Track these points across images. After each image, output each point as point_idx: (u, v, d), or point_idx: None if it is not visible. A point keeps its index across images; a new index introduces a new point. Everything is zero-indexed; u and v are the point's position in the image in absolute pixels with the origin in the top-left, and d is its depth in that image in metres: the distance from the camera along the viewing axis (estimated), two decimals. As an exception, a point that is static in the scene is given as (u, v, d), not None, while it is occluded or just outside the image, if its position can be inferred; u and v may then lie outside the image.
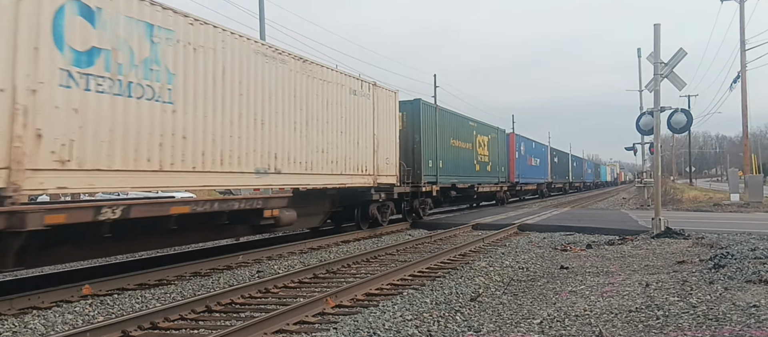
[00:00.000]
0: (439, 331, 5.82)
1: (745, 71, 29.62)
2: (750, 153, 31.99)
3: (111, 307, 7.49)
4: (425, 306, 6.91)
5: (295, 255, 12.20)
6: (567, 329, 5.70)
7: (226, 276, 9.66)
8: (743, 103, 29.82)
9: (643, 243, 12.43)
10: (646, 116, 15.44)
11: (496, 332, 5.73)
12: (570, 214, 22.85)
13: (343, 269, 10.32)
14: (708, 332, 5.39)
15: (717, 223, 16.49)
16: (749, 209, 23.37)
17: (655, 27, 13.97)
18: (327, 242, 13.99)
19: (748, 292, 6.89)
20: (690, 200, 31.76)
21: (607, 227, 15.76)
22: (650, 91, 14.63)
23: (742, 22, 30.07)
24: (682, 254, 10.60)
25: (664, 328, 5.60)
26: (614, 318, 6.02)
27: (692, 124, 15.70)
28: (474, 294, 7.44)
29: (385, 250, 12.47)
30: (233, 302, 7.57)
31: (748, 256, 9.23)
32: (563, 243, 13.16)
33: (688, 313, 6.07)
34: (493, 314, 6.44)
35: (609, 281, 8.09)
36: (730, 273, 8.01)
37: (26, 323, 6.68)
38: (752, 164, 31.62)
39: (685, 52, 13.95)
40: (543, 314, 6.29)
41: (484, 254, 11.72)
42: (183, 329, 6.44)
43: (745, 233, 12.85)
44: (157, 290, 8.54)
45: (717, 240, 11.97)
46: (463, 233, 16.54)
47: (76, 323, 6.75)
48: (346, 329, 5.91)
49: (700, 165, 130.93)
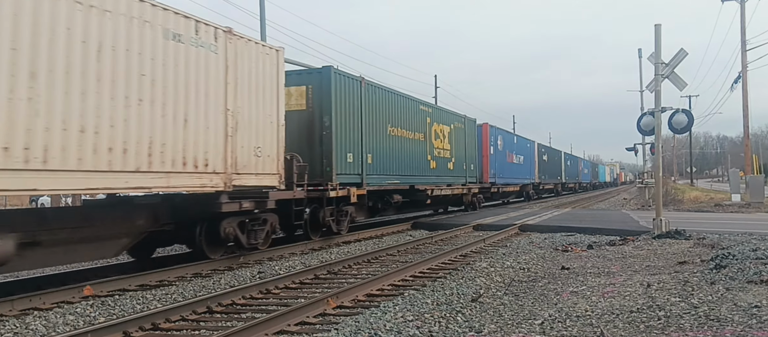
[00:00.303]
0: (441, 331, 5.82)
1: (745, 72, 29.63)
2: (751, 153, 32.00)
3: (112, 308, 7.49)
4: (426, 307, 6.91)
5: (296, 256, 12.20)
6: (568, 329, 5.69)
7: (227, 277, 9.66)
8: (744, 104, 29.82)
9: (645, 244, 12.42)
10: (646, 117, 15.43)
11: (498, 332, 5.72)
12: (571, 214, 22.85)
13: (344, 269, 10.32)
14: (709, 332, 5.39)
15: (718, 223, 16.47)
16: (750, 210, 23.35)
17: (655, 27, 13.97)
18: (328, 243, 13.99)
19: (749, 292, 6.88)
20: (691, 200, 31.76)
21: (608, 228, 15.75)
22: (651, 91, 14.63)
23: (743, 23, 30.09)
24: (684, 255, 10.59)
25: (666, 328, 5.59)
26: (616, 319, 6.01)
27: (693, 125, 15.69)
28: (475, 295, 7.44)
29: (386, 251, 12.48)
30: (234, 303, 7.57)
31: (750, 256, 9.22)
32: (564, 244, 13.16)
33: (690, 313, 6.07)
34: (494, 315, 6.44)
35: (610, 282, 8.08)
36: (732, 274, 8.00)
37: (27, 324, 6.68)
38: (753, 165, 31.62)
39: (686, 53, 13.94)
40: (544, 315, 6.28)
41: (485, 255, 11.72)
42: (184, 329, 6.44)
43: (747, 234, 12.84)
44: (158, 291, 8.54)
45: (718, 241, 11.95)
46: (464, 234, 16.54)
47: (78, 324, 6.75)
48: (348, 330, 5.90)
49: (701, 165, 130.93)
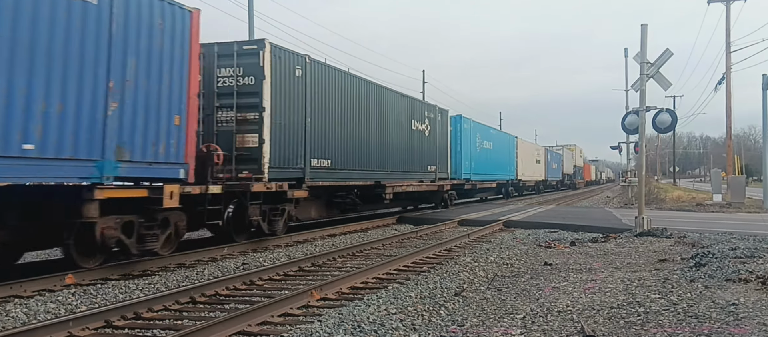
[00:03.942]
0: (423, 325, 5.86)
1: (729, 73, 29.96)
2: (733, 154, 32.43)
3: (94, 297, 7.44)
4: (410, 300, 6.95)
5: (280, 248, 12.18)
6: (549, 324, 5.76)
7: (211, 268, 9.63)
8: (727, 105, 30.17)
9: (626, 241, 12.56)
10: (631, 115, 15.59)
11: (480, 326, 5.78)
12: (555, 211, 23.03)
13: (329, 262, 10.33)
14: (687, 329, 5.48)
15: (699, 222, 16.68)
16: (731, 209, 23.66)
17: (641, 27, 14.10)
18: (313, 236, 13.98)
19: (727, 290, 7.01)
20: (673, 199, 32.09)
21: (591, 225, 15.88)
22: (636, 90, 14.78)
23: (728, 24, 30.41)
24: (664, 253, 10.73)
25: (645, 324, 5.68)
26: (596, 314, 6.09)
27: (677, 125, 15.88)
28: (458, 289, 7.49)
29: (371, 244, 12.49)
30: (218, 294, 7.55)
31: (729, 255, 9.37)
32: (547, 240, 13.26)
33: (669, 310, 6.16)
34: (476, 309, 6.49)
35: (592, 278, 8.18)
36: (711, 272, 8.13)
37: (8, 311, 6.62)
38: (735, 165, 32.04)
39: (671, 53, 14.09)
40: (526, 310, 6.35)
41: (469, 250, 11.78)
42: (167, 319, 6.42)
43: (727, 233, 13.02)
44: (141, 280, 8.49)
45: (699, 239, 12.12)
46: (448, 229, 16.61)
47: (59, 312, 6.70)
48: (331, 322, 5.92)
49: (684, 165, 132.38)
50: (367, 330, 5.64)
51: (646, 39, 14.03)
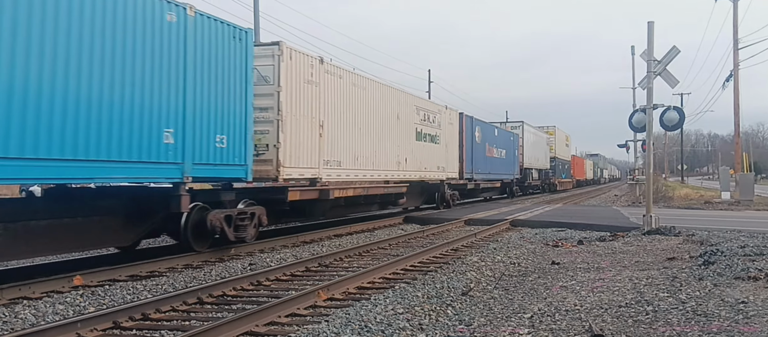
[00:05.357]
0: (431, 324, 5.85)
1: (737, 70, 29.79)
2: (742, 152, 32.21)
3: (102, 298, 7.48)
4: (417, 300, 6.94)
5: (287, 248, 12.20)
6: (557, 323, 5.73)
7: (218, 268, 9.66)
8: (736, 102, 30.00)
9: (634, 240, 12.50)
10: (638, 113, 15.52)
11: (487, 326, 5.76)
12: (562, 210, 22.96)
13: (336, 262, 10.33)
14: (696, 327, 5.44)
15: (707, 220, 16.59)
16: (740, 207, 23.53)
17: (648, 25, 14.03)
18: (319, 236, 13.99)
19: (736, 288, 6.96)
20: (681, 197, 31.95)
21: (598, 224, 15.82)
22: (643, 88, 14.70)
23: (736, 21, 30.24)
24: (673, 251, 10.67)
25: (653, 323, 5.64)
26: (604, 313, 6.06)
27: (684, 122, 15.78)
28: (465, 288, 7.47)
29: (377, 244, 12.49)
30: (225, 294, 7.57)
31: (738, 253, 9.30)
32: (555, 239, 13.22)
33: (677, 308, 6.13)
34: (484, 309, 6.48)
35: (600, 277, 8.14)
36: (720, 270, 8.08)
37: (16, 313, 6.65)
38: (743, 163, 31.81)
39: (679, 50, 14.00)
40: (534, 309, 6.32)
41: (476, 249, 11.76)
42: (174, 320, 6.44)
43: (735, 231, 12.95)
44: (149, 281, 8.52)
45: (707, 237, 12.05)
46: (455, 228, 16.59)
47: (67, 313, 6.73)
48: (338, 322, 5.92)
49: (692, 163, 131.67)
50: (374, 330, 5.63)
51: (653, 36, 13.96)
